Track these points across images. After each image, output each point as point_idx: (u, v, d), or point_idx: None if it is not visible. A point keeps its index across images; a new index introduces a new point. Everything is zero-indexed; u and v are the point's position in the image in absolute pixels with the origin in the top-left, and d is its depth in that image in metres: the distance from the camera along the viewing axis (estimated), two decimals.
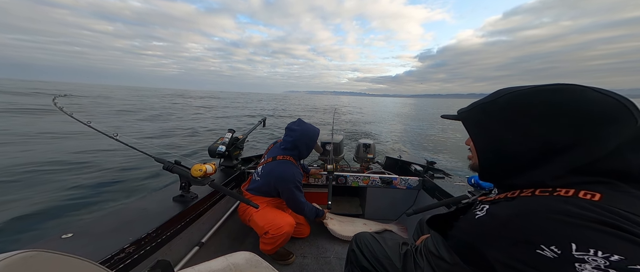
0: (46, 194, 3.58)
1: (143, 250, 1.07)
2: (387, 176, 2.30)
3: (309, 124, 1.78)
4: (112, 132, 1.54)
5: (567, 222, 0.40)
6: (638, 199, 0.42)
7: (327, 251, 1.87)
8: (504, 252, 0.46)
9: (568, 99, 0.48)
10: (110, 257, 0.93)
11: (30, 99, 18.78)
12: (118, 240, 1.01)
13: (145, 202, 1.36)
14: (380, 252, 1.00)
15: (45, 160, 4.84)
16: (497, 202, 0.56)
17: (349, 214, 2.44)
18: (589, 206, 0.41)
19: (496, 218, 0.51)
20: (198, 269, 0.96)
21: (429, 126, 17.88)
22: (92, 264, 0.60)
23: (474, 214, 0.59)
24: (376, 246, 1.03)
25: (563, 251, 0.38)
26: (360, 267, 1.04)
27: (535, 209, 0.45)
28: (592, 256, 0.35)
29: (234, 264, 1.01)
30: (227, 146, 2.01)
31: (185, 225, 1.36)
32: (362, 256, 1.04)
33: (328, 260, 1.80)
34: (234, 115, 17.71)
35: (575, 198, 0.44)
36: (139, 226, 1.12)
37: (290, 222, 1.60)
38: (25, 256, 0.46)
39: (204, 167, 1.35)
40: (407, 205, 2.29)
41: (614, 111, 0.45)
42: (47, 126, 8.20)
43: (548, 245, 0.39)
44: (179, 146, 7.30)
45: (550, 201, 0.45)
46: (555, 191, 0.47)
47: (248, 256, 1.08)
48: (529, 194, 0.50)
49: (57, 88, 41.13)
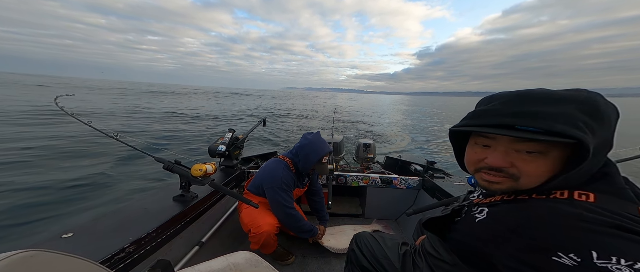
0: (46, 194, 3.59)
1: (143, 250, 1.07)
2: (387, 175, 2.30)
3: (322, 140, 1.69)
4: (113, 132, 1.54)
5: (584, 229, 0.39)
6: (619, 198, 0.43)
7: (327, 251, 1.87)
8: (514, 258, 0.45)
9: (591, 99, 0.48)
10: (110, 257, 0.93)
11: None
12: (118, 240, 1.01)
13: (145, 201, 1.37)
14: (379, 252, 1.00)
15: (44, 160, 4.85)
16: (496, 205, 0.56)
17: (349, 214, 2.44)
18: (592, 208, 0.41)
19: (501, 222, 0.50)
20: (198, 268, 0.96)
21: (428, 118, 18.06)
22: (92, 264, 0.60)
23: (474, 216, 0.59)
24: (376, 246, 1.03)
25: (583, 259, 0.36)
26: (360, 267, 1.04)
27: (545, 214, 0.44)
28: (616, 264, 0.34)
29: (234, 264, 1.01)
30: (227, 146, 2.01)
31: (185, 225, 1.36)
32: (362, 255, 1.04)
33: (328, 260, 1.80)
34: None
35: (573, 200, 0.44)
36: (139, 226, 1.13)
37: (271, 222, 1.56)
38: (25, 256, 0.47)
39: (204, 167, 1.35)
40: (407, 205, 2.29)
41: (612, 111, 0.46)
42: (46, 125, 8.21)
43: (566, 252, 0.38)
44: (179, 145, 7.31)
45: (553, 204, 0.45)
46: (550, 193, 0.47)
47: (248, 256, 1.08)
48: (526, 197, 0.50)
49: (40, 81, 40.16)
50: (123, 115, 11.19)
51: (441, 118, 22.78)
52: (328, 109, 23.26)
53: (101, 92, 21.50)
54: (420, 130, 14.13)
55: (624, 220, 0.38)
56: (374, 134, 10.94)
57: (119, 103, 16.75)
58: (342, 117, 16.84)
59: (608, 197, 0.43)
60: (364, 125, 13.85)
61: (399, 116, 19.23)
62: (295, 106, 21.77)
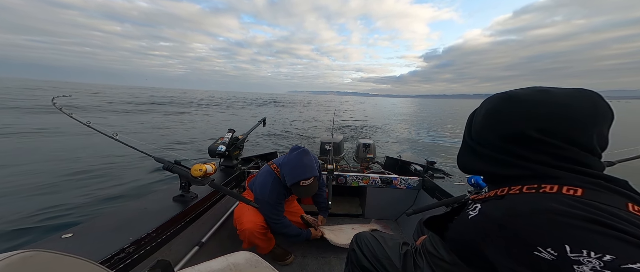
0: (45, 192, 3.58)
1: (143, 250, 1.07)
2: (387, 175, 2.30)
3: (304, 163, 1.50)
4: (111, 132, 1.54)
5: (556, 222, 0.40)
6: (612, 192, 0.44)
7: (326, 250, 1.87)
8: (504, 254, 0.46)
9: (535, 101, 0.51)
10: (110, 257, 0.93)
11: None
12: (118, 240, 1.01)
13: (145, 202, 1.36)
14: (380, 252, 1.00)
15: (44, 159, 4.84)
16: (488, 201, 0.57)
17: (349, 214, 2.44)
18: (573, 203, 0.42)
19: (490, 218, 0.52)
20: (198, 268, 0.96)
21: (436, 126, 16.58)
22: (92, 264, 0.60)
23: (467, 214, 0.60)
24: (376, 246, 1.03)
25: (559, 253, 0.38)
26: (360, 266, 1.04)
27: (524, 210, 0.45)
28: (586, 256, 0.35)
29: (233, 264, 1.01)
30: (227, 146, 2.01)
31: (185, 225, 1.36)
32: (362, 255, 1.04)
33: (328, 260, 1.79)
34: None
35: (560, 194, 0.45)
36: (139, 226, 1.12)
37: (254, 220, 1.56)
38: (24, 256, 0.46)
39: (204, 167, 1.35)
40: (407, 205, 2.29)
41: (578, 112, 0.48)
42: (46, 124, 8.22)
43: (544, 247, 0.39)
44: (179, 145, 7.30)
45: (537, 199, 0.46)
46: (541, 187, 0.48)
47: (248, 256, 1.08)
48: (517, 192, 0.51)
49: (63, 88, 40.00)
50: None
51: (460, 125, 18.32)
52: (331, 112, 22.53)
53: (150, 110, 18.89)
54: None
55: (600, 214, 0.39)
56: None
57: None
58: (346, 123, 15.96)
59: (597, 191, 0.44)
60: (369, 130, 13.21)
61: (403, 128, 15.99)
62: (300, 116, 20.57)
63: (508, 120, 0.53)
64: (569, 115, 0.48)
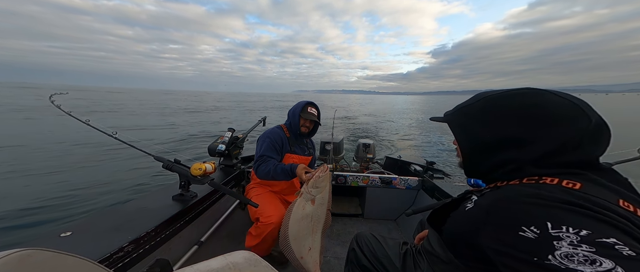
0: (44, 191, 3.58)
1: (142, 249, 1.07)
2: (386, 175, 2.30)
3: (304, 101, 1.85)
4: (111, 131, 1.53)
5: (539, 204, 0.44)
6: (604, 187, 0.47)
7: (326, 251, 1.86)
8: (493, 239, 0.48)
9: (532, 102, 0.54)
10: (109, 256, 0.92)
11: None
12: (117, 239, 1.00)
13: (144, 201, 1.36)
14: (380, 251, 1.00)
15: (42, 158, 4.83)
16: (484, 194, 0.59)
17: (348, 214, 2.44)
18: (558, 190, 0.46)
19: (481, 207, 0.54)
20: (197, 267, 0.96)
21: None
22: (91, 263, 0.59)
23: (464, 206, 0.62)
24: (376, 246, 1.03)
25: (542, 231, 0.41)
26: (360, 266, 1.04)
27: (511, 195, 0.49)
28: (565, 232, 0.39)
29: (233, 263, 1.01)
30: (227, 145, 2.01)
31: (184, 224, 1.36)
32: (362, 255, 1.04)
33: (327, 260, 1.79)
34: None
35: (559, 186, 0.47)
36: (138, 225, 1.12)
37: (281, 215, 1.43)
38: (22, 255, 0.46)
39: (203, 166, 1.34)
40: (407, 205, 2.29)
41: (569, 111, 0.51)
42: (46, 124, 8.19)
43: (528, 226, 0.42)
44: (179, 145, 7.29)
45: (526, 188, 0.49)
46: (541, 179, 0.50)
47: (247, 255, 1.07)
48: (516, 182, 0.54)
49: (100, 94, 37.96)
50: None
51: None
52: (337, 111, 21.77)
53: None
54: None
55: (579, 198, 0.43)
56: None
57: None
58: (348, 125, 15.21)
59: (593, 186, 0.46)
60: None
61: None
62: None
63: (505, 122, 0.55)
64: (568, 118, 0.50)
